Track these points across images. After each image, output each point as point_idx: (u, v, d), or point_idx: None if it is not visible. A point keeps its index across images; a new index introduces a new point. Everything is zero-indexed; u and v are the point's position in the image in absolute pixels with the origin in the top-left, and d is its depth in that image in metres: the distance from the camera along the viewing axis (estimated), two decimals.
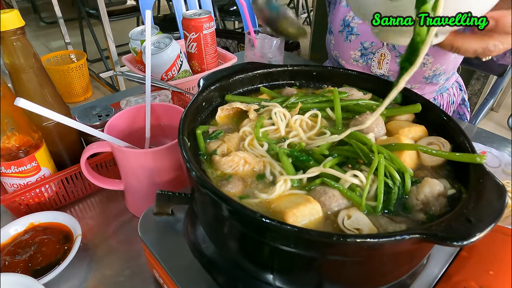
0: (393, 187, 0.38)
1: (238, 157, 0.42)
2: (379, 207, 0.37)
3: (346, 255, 0.33)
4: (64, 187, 0.67)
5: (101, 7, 2.22)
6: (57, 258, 0.56)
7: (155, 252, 0.49)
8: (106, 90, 3.03)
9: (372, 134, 0.46)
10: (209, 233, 0.45)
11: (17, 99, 0.45)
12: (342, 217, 0.36)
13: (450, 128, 0.45)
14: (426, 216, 0.36)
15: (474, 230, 0.30)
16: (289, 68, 0.58)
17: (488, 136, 0.90)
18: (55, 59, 2.70)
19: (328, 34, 1.13)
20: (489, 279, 0.46)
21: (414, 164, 0.43)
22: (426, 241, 0.30)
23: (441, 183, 0.38)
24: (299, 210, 0.35)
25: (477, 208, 0.33)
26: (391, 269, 0.37)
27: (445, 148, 0.43)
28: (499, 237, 0.51)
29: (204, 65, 1.01)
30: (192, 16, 0.94)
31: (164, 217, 0.53)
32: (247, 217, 0.32)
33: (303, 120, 0.50)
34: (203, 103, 0.51)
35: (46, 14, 4.33)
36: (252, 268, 0.43)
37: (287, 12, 0.86)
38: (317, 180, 0.40)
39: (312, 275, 0.38)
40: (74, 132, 0.71)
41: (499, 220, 0.32)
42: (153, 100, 0.80)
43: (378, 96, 0.55)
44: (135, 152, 0.57)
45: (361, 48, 1.04)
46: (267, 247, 0.37)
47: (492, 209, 0.33)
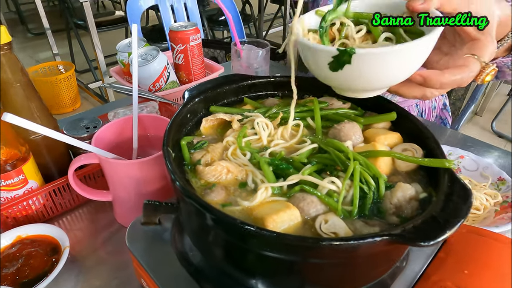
0: (368, 192, 0.40)
1: (221, 167, 0.44)
2: (354, 212, 0.39)
3: (323, 258, 0.35)
4: (52, 199, 0.68)
5: (89, 19, 2.23)
6: (44, 270, 0.57)
7: (142, 262, 0.50)
8: (95, 101, 3.02)
9: (349, 142, 0.48)
10: (194, 241, 0.46)
11: (4, 114, 0.46)
12: (320, 222, 0.37)
13: (423, 135, 0.47)
14: (399, 219, 0.38)
15: (440, 231, 0.32)
16: (271, 80, 0.60)
17: (474, 143, 0.93)
18: (43, 70, 2.69)
19: None
20: (464, 279, 0.48)
21: (389, 170, 0.45)
22: (395, 243, 0.32)
23: (413, 188, 0.41)
24: (279, 216, 0.36)
25: (444, 210, 0.35)
26: (368, 270, 0.39)
27: (417, 154, 0.45)
28: (475, 238, 0.54)
29: (192, 76, 1.03)
30: (178, 29, 0.96)
31: (151, 227, 0.54)
32: (227, 224, 0.34)
33: (285, 129, 0.52)
34: (187, 114, 0.53)
35: (33, 25, 4.32)
36: (238, 275, 0.44)
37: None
38: (296, 187, 0.41)
39: (294, 278, 0.39)
40: (62, 145, 0.72)
41: (465, 221, 0.34)
42: (141, 111, 0.82)
43: (356, 105, 0.57)
44: (122, 163, 0.59)
45: None
46: (250, 253, 0.38)
47: (458, 211, 0.35)
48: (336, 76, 0.45)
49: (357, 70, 0.43)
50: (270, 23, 4.17)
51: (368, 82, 0.46)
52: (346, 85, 0.49)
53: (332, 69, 0.44)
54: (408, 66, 0.45)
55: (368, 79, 0.45)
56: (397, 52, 0.41)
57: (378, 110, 0.55)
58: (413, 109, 1.20)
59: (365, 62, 0.43)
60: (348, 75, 0.44)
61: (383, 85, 0.48)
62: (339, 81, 0.48)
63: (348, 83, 0.47)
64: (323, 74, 0.48)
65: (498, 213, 0.68)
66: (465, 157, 0.80)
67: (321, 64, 0.46)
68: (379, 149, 0.45)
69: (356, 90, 0.50)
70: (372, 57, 0.42)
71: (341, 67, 0.43)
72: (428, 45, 0.44)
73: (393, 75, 0.45)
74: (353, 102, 0.58)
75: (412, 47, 0.42)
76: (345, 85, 0.49)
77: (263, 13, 3.74)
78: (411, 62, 0.45)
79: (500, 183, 0.74)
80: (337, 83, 0.50)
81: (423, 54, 0.45)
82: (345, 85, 0.49)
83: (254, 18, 3.85)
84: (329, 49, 0.43)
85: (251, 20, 3.74)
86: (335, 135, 0.50)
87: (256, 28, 3.86)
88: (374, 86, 0.48)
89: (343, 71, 0.44)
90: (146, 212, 0.52)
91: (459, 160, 0.81)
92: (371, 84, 0.47)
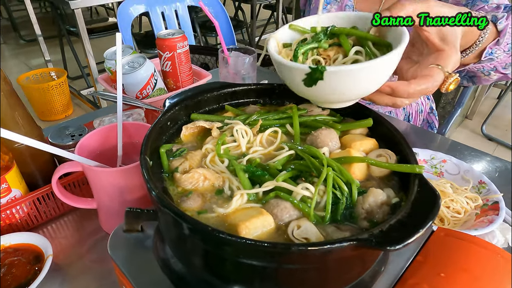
0: (341, 198, 0.41)
1: (197, 174, 0.44)
2: (327, 217, 0.40)
3: (295, 263, 0.36)
4: (36, 207, 0.68)
5: (80, 25, 2.23)
6: (27, 279, 0.57)
7: (124, 270, 0.50)
8: (87, 108, 3.02)
9: (326, 148, 0.49)
10: (172, 248, 0.47)
11: None
12: (292, 228, 0.38)
13: (396, 140, 0.48)
14: (370, 224, 0.39)
15: (407, 235, 0.33)
16: (252, 87, 0.61)
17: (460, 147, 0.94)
18: (35, 77, 2.69)
19: None
20: (440, 281, 0.48)
21: (363, 176, 0.46)
22: (363, 247, 0.33)
23: (385, 193, 0.42)
24: (252, 223, 0.37)
25: (411, 214, 0.36)
26: (342, 273, 0.40)
27: (391, 160, 0.46)
28: (453, 241, 0.55)
29: (179, 83, 1.03)
30: (165, 36, 0.97)
31: (134, 234, 0.54)
32: (200, 231, 0.34)
33: (263, 136, 0.53)
34: (167, 122, 0.54)
35: (25, 32, 4.31)
36: (216, 281, 0.44)
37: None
38: (271, 193, 0.42)
39: (270, 284, 0.40)
40: (46, 153, 0.72)
41: (431, 224, 0.35)
42: (127, 119, 0.82)
43: (335, 111, 0.58)
44: (104, 171, 0.59)
45: None
46: (225, 260, 0.39)
47: (425, 215, 0.36)
48: (311, 91, 0.47)
49: (329, 86, 0.45)
50: (262, 29, 4.21)
51: (342, 95, 0.48)
52: (322, 98, 0.52)
53: (307, 84, 0.46)
54: (377, 79, 0.48)
55: (341, 92, 0.48)
56: (367, 68, 0.44)
57: (356, 116, 0.56)
58: (400, 113, 1.21)
59: (337, 78, 0.45)
60: (321, 90, 0.46)
61: (356, 96, 0.51)
62: (314, 95, 0.50)
63: (323, 96, 0.50)
64: (298, 89, 0.51)
65: (478, 216, 0.69)
66: (447, 161, 0.82)
67: (295, 80, 0.48)
68: (354, 155, 0.46)
69: (331, 102, 0.52)
70: (343, 73, 0.45)
71: (314, 83, 0.45)
72: (394, 59, 0.46)
73: (364, 87, 0.48)
74: (331, 109, 0.59)
75: (379, 63, 0.44)
76: (320, 98, 0.52)
77: (255, 19, 3.77)
78: (380, 75, 0.47)
79: (481, 186, 0.75)
80: (312, 97, 0.52)
81: (390, 68, 0.47)
82: (320, 98, 0.52)
83: (247, 24, 3.87)
84: (302, 67, 0.46)
85: (243, 26, 3.76)
86: (312, 142, 0.51)
87: (249, 34, 3.88)
88: (348, 98, 0.50)
89: (317, 87, 0.46)
90: (128, 219, 0.53)
91: (442, 164, 0.82)
92: (344, 96, 0.49)
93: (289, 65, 0.48)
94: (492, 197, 0.71)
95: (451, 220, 0.71)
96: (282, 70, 0.50)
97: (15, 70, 3.43)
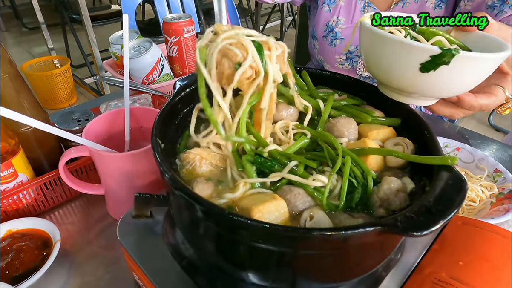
0: (357, 186, 0.39)
1: (192, 154, 0.43)
2: (341, 205, 0.38)
3: (314, 249, 0.34)
4: (43, 193, 0.67)
5: (83, 13, 2.20)
6: (35, 265, 0.56)
7: (134, 255, 0.49)
8: (91, 96, 3.00)
9: (345, 139, 0.47)
10: (184, 233, 0.45)
11: None
12: (305, 218, 0.37)
13: (418, 128, 0.46)
14: (386, 211, 0.38)
15: (433, 221, 0.32)
16: None
17: (470, 135, 0.93)
18: (38, 65, 2.66)
19: (311, 38, 1.14)
20: (459, 270, 0.47)
21: (379, 166, 0.45)
22: (388, 233, 0.31)
23: (399, 180, 0.40)
24: (265, 207, 0.36)
25: (437, 200, 0.34)
26: (361, 261, 0.39)
27: (408, 149, 0.44)
28: (470, 230, 0.53)
29: (186, 69, 1.01)
30: (172, 20, 0.95)
31: (143, 220, 0.53)
32: (217, 214, 0.33)
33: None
34: (178, 105, 0.52)
35: (28, 19, 4.27)
36: (229, 267, 0.43)
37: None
38: (283, 180, 0.41)
39: (285, 270, 0.39)
40: (53, 138, 0.71)
41: (458, 211, 0.33)
42: (133, 103, 0.80)
43: (354, 95, 0.56)
44: (113, 155, 0.58)
45: (346, 52, 1.05)
46: (240, 245, 0.37)
47: (452, 201, 0.34)
48: (416, 79, 0.42)
49: (448, 74, 0.41)
50: (267, 17, 4.15)
51: (444, 89, 0.44)
52: (418, 88, 0.44)
53: (425, 69, 0.41)
54: (482, 77, 0.44)
55: (447, 84, 0.43)
56: (489, 60, 0.41)
57: (370, 100, 0.54)
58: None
59: (462, 65, 0.40)
60: (432, 78, 0.41)
61: (452, 93, 0.46)
62: (414, 83, 0.43)
63: (424, 87, 0.44)
64: (399, 73, 0.44)
65: (494, 204, 0.68)
66: (462, 149, 0.80)
67: (409, 62, 0.42)
68: (370, 145, 0.44)
69: (424, 94, 0.46)
70: (471, 60, 0.41)
71: (435, 68, 0.40)
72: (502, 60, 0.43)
73: (466, 84, 0.44)
74: (349, 93, 0.57)
75: (498, 58, 0.42)
76: (416, 88, 0.44)
77: (260, 7, 3.71)
78: (487, 72, 0.44)
79: (496, 174, 0.74)
80: (405, 84, 0.45)
81: (494, 68, 0.44)
82: (416, 88, 0.44)
83: (251, 12, 3.82)
84: (431, 47, 0.40)
85: (248, 14, 3.71)
86: (329, 129, 0.49)
87: (253, 22, 3.83)
88: (445, 93, 0.46)
89: (434, 73, 0.41)
90: (137, 204, 0.52)
91: (455, 152, 0.80)
92: (444, 91, 0.45)
93: (411, 44, 0.41)
94: (508, 186, 0.69)
95: (465, 209, 0.69)
96: (390, 49, 0.43)
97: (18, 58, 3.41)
